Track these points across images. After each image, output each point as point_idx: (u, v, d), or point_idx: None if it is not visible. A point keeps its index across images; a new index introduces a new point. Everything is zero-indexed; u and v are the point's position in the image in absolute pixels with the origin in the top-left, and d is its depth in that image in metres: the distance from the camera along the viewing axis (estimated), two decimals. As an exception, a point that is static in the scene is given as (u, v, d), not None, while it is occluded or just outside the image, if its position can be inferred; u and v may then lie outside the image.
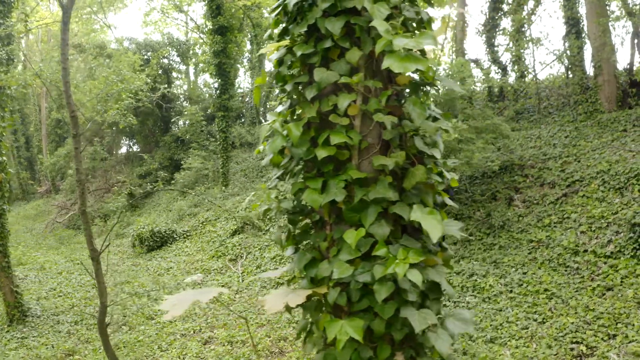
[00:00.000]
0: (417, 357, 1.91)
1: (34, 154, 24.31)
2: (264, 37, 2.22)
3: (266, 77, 2.05)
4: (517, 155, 10.29)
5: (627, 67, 10.84)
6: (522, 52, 12.49)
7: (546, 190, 9.07)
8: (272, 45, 1.97)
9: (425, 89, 2.05)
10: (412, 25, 2.03)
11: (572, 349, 5.75)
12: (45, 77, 6.83)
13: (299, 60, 2.00)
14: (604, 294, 6.50)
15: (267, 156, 2.03)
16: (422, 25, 2.08)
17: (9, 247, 11.48)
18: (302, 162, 2.02)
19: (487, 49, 13.64)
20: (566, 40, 11.39)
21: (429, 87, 2.02)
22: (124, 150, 25.75)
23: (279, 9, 2.04)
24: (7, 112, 8.05)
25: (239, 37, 16.99)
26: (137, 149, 24.26)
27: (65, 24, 4.42)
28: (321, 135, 1.91)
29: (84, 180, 4.86)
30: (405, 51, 1.75)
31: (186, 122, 19.89)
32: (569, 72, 11.74)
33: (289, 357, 6.40)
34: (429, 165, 1.99)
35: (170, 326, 7.82)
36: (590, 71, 11.08)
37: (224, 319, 7.72)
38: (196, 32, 22.79)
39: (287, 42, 1.97)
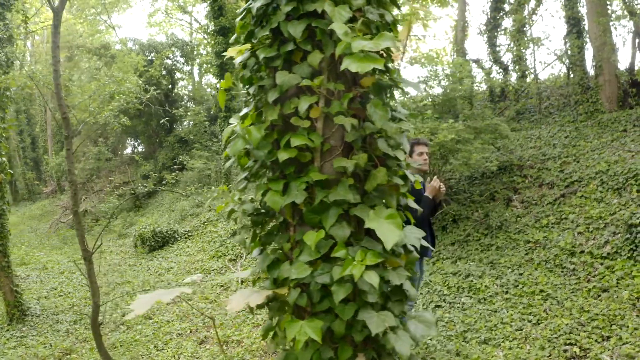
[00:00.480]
0: (379, 359, 1.92)
1: (39, 154, 24.49)
2: (231, 40, 2.24)
3: (231, 81, 2.07)
4: (517, 155, 10.26)
5: (628, 67, 10.77)
6: (524, 52, 12.44)
7: (545, 190, 9.03)
8: (234, 48, 1.99)
9: (389, 91, 2.06)
10: (376, 27, 2.03)
11: (565, 351, 5.72)
12: (38, 79, 6.86)
13: (262, 63, 2.01)
14: (600, 296, 6.46)
15: (231, 159, 2.05)
16: (388, 27, 2.09)
17: (11, 247, 11.60)
18: (266, 164, 2.03)
19: (489, 49, 13.61)
20: (567, 40, 11.33)
21: (393, 88, 2.03)
22: (129, 150, 25.91)
23: (244, 13, 2.06)
24: (7, 114, 8.12)
25: (241, 38, 17.02)
26: (142, 149, 24.41)
27: (55, 27, 4.46)
28: (284, 137, 1.92)
29: (76, 181, 4.90)
30: (363, 53, 1.76)
31: (190, 123, 19.99)
32: (570, 72, 11.68)
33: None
34: (393, 167, 2.00)
35: (167, 326, 7.87)
36: (591, 71, 11.03)
37: (221, 318, 7.75)
38: (200, 33, 22.89)
39: (248, 45, 1.99)
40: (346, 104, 1.92)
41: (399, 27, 2.09)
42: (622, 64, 10.98)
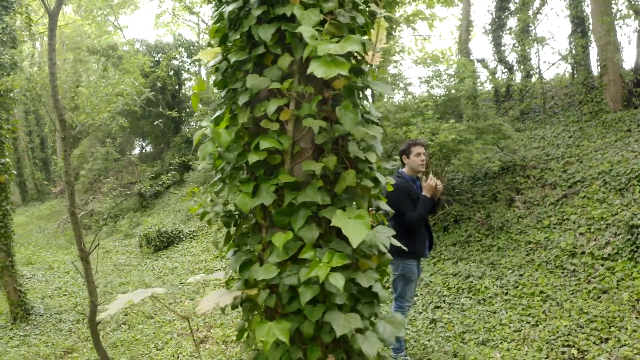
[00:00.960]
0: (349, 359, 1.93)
1: (48, 154, 24.74)
2: (205, 44, 2.26)
3: (204, 84, 2.09)
4: (520, 155, 10.21)
5: (634, 67, 10.67)
6: (528, 51, 12.37)
7: (547, 191, 8.98)
8: (204, 52, 2.01)
9: (362, 93, 2.07)
10: (349, 30, 2.04)
11: (563, 353, 5.69)
12: (36, 81, 6.94)
13: (234, 67, 2.03)
14: (600, 297, 6.41)
15: (203, 162, 2.07)
16: (363, 29, 2.10)
17: (18, 247, 11.73)
18: (238, 166, 2.05)
19: (494, 49, 13.55)
20: (571, 39, 11.25)
21: (364, 90, 2.04)
22: (137, 151, 26.10)
23: (218, 17, 2.08)
24: (11, 115, 8.23)
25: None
26: (150, 150, 24.58)
27: (51, 30, 4.51)
28: (254, 140, 1.94)
29: (73, 182, 4.96)
30: (330, 56, 1.77)
31: (197, 123, 20.08)
32: (575, 72, 11.60)
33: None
34: (364, 169, 2.01)
35: (168, 325, 7.92)
36: (596, 70, 10.94)
37: (221, 318, 7.80)
38: (207, 34, 23.00)
39: (219, 49, 2.01)
40: (316, 107, 1.93)
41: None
42: (628, 64, 10.90)
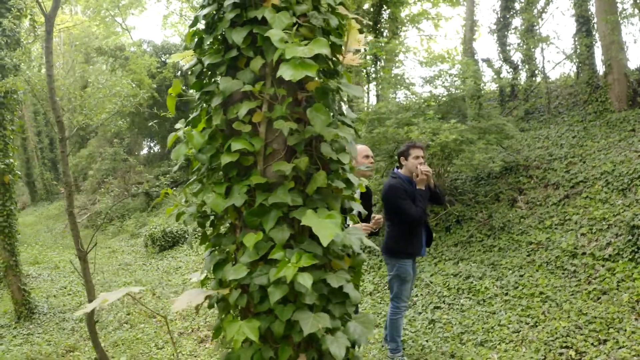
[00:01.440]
0: (320, 359, 1.95)
1: (57, 155, 24.94)
2: (182, 48, 2.28)
3: (180, 86, 2.12)
4: (524, 155, 10.16)
5: (639, 66, 10.58)
6: (533, 51, 12.31)
7: (550, 191, 8.94)
8: (177, 55, 2.04)
9: (335, 95, 2.09)
10: (323, 32, 2.06)
11: (561, 354, 5.66)
12: (34, 83, 7.03)
13: (208, 69, 2.06)
14: (599, 298, 6.37)
15: (177, 163, 2.10)
16: (337, 31, 2.12)
17: (25, 247, 11.86)
18: (214, 168, 2.08)
19: (499, 48, 13.49)
20: (576, 38, 11.18)
21: (339, 92, 2.06)
22: (145, 151, 26.28)
23: (193, 21, 2.11)
24: (16, 116, 8.33)
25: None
26: (158, 150, 24.74)
27: (48, 32, 4.57)
28: (227, 142, 1.96)
29: (71, 182, 5.02)
30: (299, 59, 1.80)
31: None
32: (579, 71, 11.52)
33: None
34: (336, 170, 2.03)
35: (170, 324, 7.98)
36: (600, 70, 10.86)
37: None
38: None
39: (191, 52, 2.04)
40: (286, 108, 1.95)
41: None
42: (633, 63, 10.81)
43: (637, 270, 6.43)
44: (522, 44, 12.47)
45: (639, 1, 10.34)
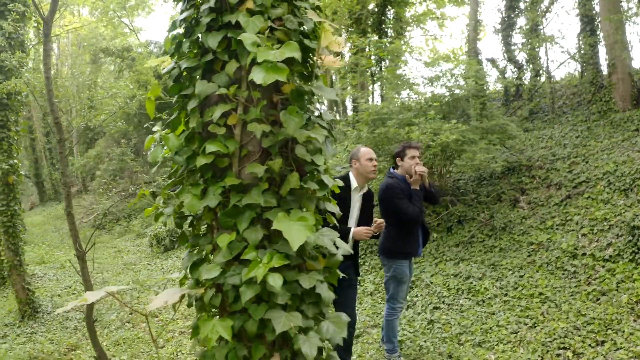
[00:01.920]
0: (294, 358, 1.97)
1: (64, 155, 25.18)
2: (161, 53, 2.32)
3: (159, 89, 2.16)
4: (527, 156, 10.12)
5: (643, 65, 10.49)
6: (537, 50, 12.25)
7: (552, 191, 8.90)
8: (154, 59, 2.08)
9: (310, 97, 2.11)
10: (299, 34, 2.09)
11: (558, 355, 5.64)
12: (33, 85, 7.12)
13: (185, 73, 2.09)
14: (599, 299, 6.34)
15: (155, 165, 2.13)
16: (314, 34, 2.15)
17: (27, 246, 11.97)
18: (194, 170, 2.11)
19: (504, 48, 13.44)
20: (580, 38, 11.12)
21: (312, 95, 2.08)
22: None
23: (171, 26, 2.15)
24: (20, 117, 8.44)
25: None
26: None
27: (46, 35, 4.64)
28: (203, 144, 2.00)
29: (69, 183, 5.08)
30: (270, 63, 1.82)
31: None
32: (584, 71, 11.46)
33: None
34: (311, 172, 2.05)
35: (171, 324, 8.04)
36: (605, 69, 10.80)
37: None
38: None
39: (167, 57, 2.08)
40: (261, 111, 1.98)
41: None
42: (637, 62, 10.73)
43: (637, 271, 6.40)
44: (526, 44, 12.42)
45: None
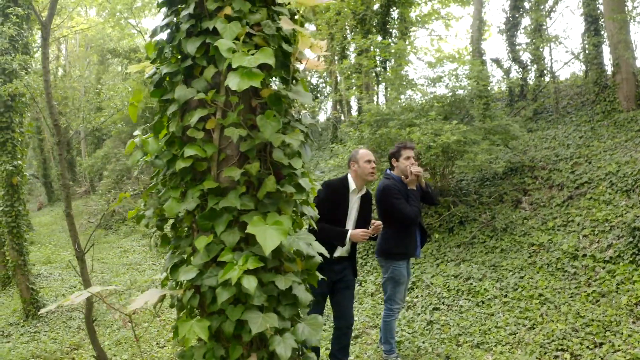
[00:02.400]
0: (271, 359, 2.00)
1: (73, 155, 25.40)
2: (144, 58, 2.36)
3: (141, 94, 2.20)
4: (529, 156, 10.09)
5: (648, 65, 10.42)
6: (541, 50, 12.20)
7: (554, 192, 8.86)
8: (134, 66, 2.12)
9: (289, 101, 2.14)
10: (279, 39, 2.12)
11: (556, 357, 5.63)
12: (33, 88, 7.20)
13: (166, 78, 2.13)
14: (598, 301, 6.31)
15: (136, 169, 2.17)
16: (293, 39, 2.18)
17: (31, 246, 12.08)
18: (170, 173, 2.15)
19: (508, 48, 13.40)
20: (585, 37, 11.06)
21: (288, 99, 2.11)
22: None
23: (152, 32, 2.18)
24: (24, 118, 8.54)
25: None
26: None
27: (44, 39, 4.70)
28: (183, 148, 2.03)
29: (69, 185, 5.15)
30: (245, 68, 1.86)
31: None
32: (588, 71, 11.40)
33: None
34: (289, 175, 2.08)
35: (173, 323, 8.10)
36: (609, 69, 10.74)
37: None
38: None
39: (147, 63, 2.12)
40: (240, 115, 2.01)
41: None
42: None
43: (637, 272, 6.36)
44: (530, 44, 12.38)
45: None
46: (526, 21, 13.30)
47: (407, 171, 5.33)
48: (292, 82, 2.15)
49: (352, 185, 4.81)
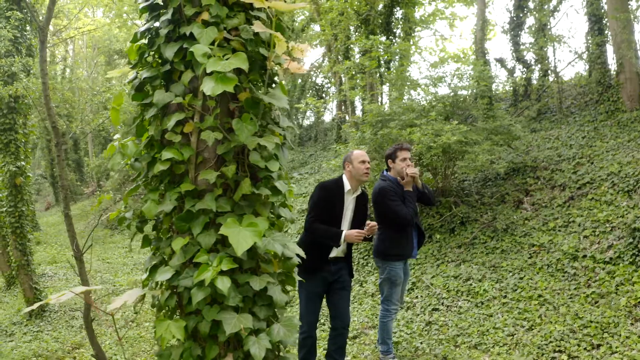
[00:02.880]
0: (247, 359, 2.03)
1: (81, 156, 25.60)
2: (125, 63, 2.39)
3: (122, 98, 2.23)
4: (532, 156, 10.05)
5: (652, 64, 10.34)
6: (545, 50, 12.15)
7: (556, 192, 8.83)
8: (114, 71, 2.15)
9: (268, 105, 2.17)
10: (256, 43, 2.14)
11: (553, 358, 5.61)
12: (32, 91, 7.29)
13: (145, 82, 2.17)
14: (597, 302, 6.29)
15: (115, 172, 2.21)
16: (273, 44, 2.20)
17: (38, 246, 12.20)
18: (154, 175, 2.18)
19: (512, 48, 13.35)
20: (588, 37, 11.00)
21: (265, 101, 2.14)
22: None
23: (133, 37, 2.22)
24: (28, 120, 8.64)
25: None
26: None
27: (42, 42, 4.76)
28: (161, 151, 2.07)
29: (67, 185, 5.21)
30: (219, 73, 1.88)
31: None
32: (592, 70, 11.33)
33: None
34: (265, 177, 2.11)
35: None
36: (613, 69, 10.67)
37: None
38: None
39: (127, 68, 2.16)
40: (217, 119, 2.04)
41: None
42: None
43: (637, 274, 6.33)
44: (534, 43, 12.33)
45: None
46: (530, 21, 13.26)
47: (403, 172, 5.33)
48: (269, 85, 2.18)
49: (347, 185, 4.83)
